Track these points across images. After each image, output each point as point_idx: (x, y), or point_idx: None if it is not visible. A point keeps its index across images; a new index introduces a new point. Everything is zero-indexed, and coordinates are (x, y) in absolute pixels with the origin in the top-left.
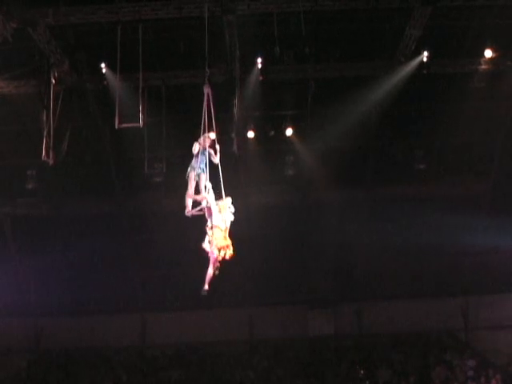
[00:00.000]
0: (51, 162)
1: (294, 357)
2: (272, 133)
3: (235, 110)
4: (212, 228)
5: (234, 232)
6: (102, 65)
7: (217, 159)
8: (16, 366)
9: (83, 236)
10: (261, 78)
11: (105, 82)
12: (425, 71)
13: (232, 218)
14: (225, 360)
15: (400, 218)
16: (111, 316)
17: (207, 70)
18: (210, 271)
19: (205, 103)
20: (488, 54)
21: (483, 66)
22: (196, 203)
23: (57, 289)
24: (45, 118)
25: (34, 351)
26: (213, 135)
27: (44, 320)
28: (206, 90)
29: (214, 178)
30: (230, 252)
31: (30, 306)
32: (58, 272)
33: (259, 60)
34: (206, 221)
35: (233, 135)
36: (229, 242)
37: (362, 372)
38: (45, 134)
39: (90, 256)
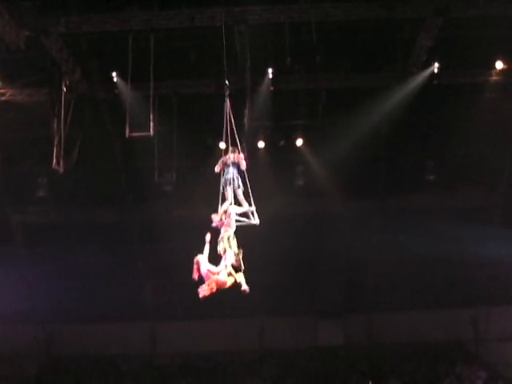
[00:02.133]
0: (62, 170)
1: (303, 366)
2: (282, 143)
3: (246, 119)
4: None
5: (245, 242)
6: (114, 74)
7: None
8: (25, 373)
9: (93, 244)
10: (272, 87)
11: (116, 91)
12: (436, 82)
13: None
14: (235, 369)
15: (410, 228)
16: (121, 324)
17: (227, 83)
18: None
19: (226, 116)
20: (499, 65)
21: (494, 78)
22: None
23: (66, 296)
24: (56, 126)
25: (43, 358)
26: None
27: (53, 327)
28: (227, 103)
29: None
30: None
31: (39, 312)
32: (68, 279)
33: (270, 70)
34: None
35: (243, 145)
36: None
37: (371, 382)
38: (55, 142)
39: (100, 264)
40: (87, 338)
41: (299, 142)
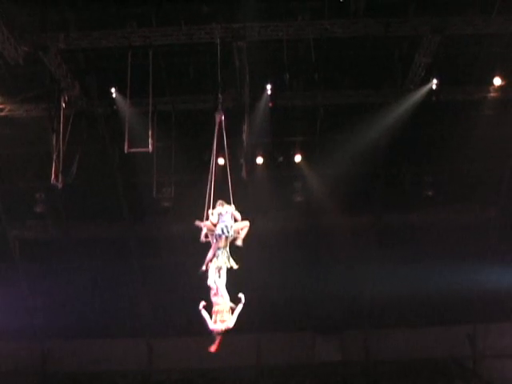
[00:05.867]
0: (60, 185)
1: (300, 383)
2: (281, 159)
3: (244, 135)
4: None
5: (243, 258)
6: (112, 89)
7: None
8: None
9: (91, 260)
10: (270, 104)
11: (115, 107)
12: (434, 98)
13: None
14: None
15: (408, 244)
16: (118, 340)
17: (219, 96)
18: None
19: (216, 130)
20: (497, 81)
21: (492, 94)
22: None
23: (64, 312)
24: (54, 141)
25: (40, 374)
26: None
27: (50, 343)
28: (218, 117)
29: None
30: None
31: (36, 329)
32: (66, 295)
33: (269, 86)
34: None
35: (242, 161)
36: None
37: None
38: (54, 157)
39: (98, 280)
40: (84, 353)
41: (298, 158)
